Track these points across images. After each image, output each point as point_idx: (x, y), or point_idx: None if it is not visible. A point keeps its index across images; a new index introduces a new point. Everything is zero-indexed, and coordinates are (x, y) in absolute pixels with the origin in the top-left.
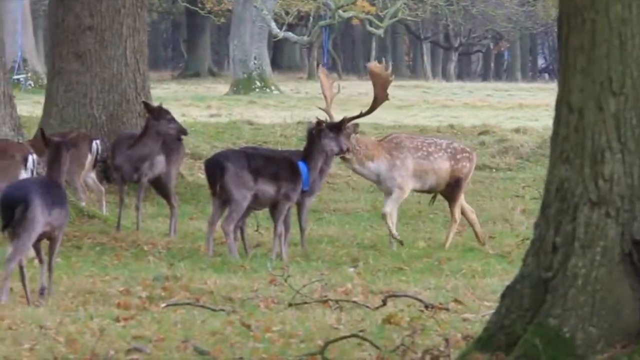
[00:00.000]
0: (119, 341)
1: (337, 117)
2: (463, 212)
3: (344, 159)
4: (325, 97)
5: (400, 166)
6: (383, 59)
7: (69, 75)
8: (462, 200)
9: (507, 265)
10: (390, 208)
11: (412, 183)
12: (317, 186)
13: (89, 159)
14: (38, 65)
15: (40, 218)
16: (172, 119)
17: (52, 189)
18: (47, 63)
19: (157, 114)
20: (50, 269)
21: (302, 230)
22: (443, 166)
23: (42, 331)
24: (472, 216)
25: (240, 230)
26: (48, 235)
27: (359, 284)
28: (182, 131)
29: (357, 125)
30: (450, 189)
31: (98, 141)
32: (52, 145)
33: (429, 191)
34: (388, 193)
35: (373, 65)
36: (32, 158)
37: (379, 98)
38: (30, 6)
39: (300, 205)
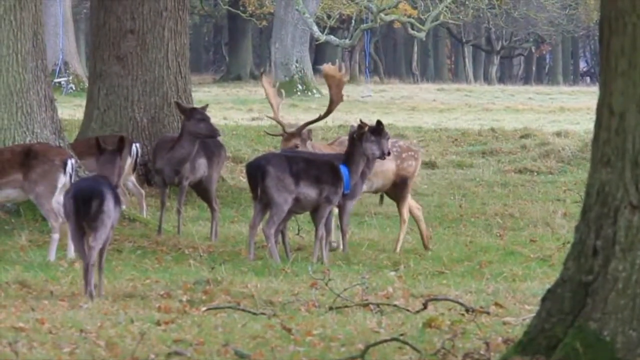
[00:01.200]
0: (160, 345)
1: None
2: (410, 209)
3: None
4: (271, 105)
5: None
6: (337, 60)
7: (110, 78)
8: (409, 198)
9: (548, 269)
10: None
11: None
12: (358, 190)
13: (129, 162)
14: (79, 68)
15: (112, 212)
16: (202, 119)
17: (113, 188)
18: (88, 66)
19: (188, 114)
20: (100, 269)
21: (343, 233)
22: (389, 167)
23: (83, 335)
24: (418, 213)
25: (282, 233)
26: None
27: (399, 287)
28: (213, 131)
29: (310, 131)
30: (397, 189)
31: (138, 144)
32: (107, 149)
33: (375, 192)
34: None
35: (327, 67)
36: (71, 162)
37: (335, 100)
38: (71, 9)
39: (341, 208)
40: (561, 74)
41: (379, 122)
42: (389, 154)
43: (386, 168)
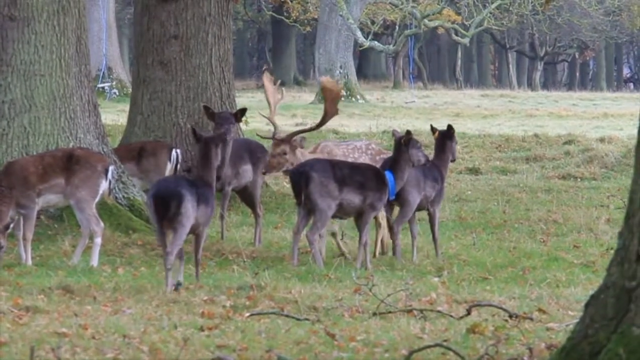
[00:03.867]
0: (203, 350)
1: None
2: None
3: (286, 172)
4: (268, 103)
5: None
6: (334, 75)
7: (154, 84)
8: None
9: (591, 275)
10: (338, 226)
11: None
12: (442, 195)
13: (169, 167)
14: (123, 73)
15: (191, 213)
16: (222, 123)
17: (200, 186)
18: (132, 71)
19: (213, 118)
20: (197, 264)
21: (435, 240)
22: None
23: (126, 340)
24: (382, 221)
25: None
26: (193, 231)
27: (443, 293)
28: (220, 136)
29: (304, 138)
30: None
31: (178, 150)
32: (202, 143)
33: None
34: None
35: (325, 80)
36: (112, 169)
37: (329, 112)
38: (115, 14)
39: (431, 215)
40: (604, 80)
41: (449, 127)
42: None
43: None
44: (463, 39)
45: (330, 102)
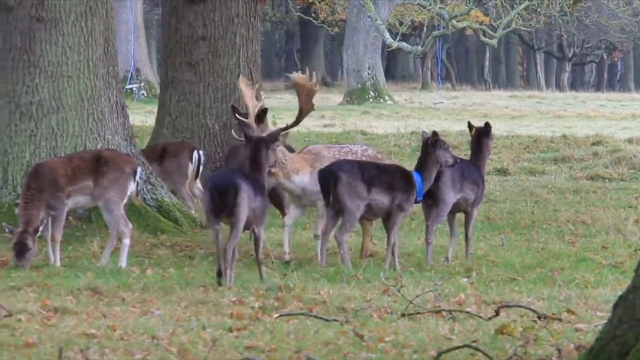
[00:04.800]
0: (232, 351)
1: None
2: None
3: (270, 173)
4: (247, 107)
5: None
6: (307, 69)
7: (182, 85)
8: None
9: (620, 276)
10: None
11: None
12: (482, 196)
13: (191, 168)
14: (151, 75)
15: (247, 204)
16: (244, 123)
17: (255, 180)
18: (160, 73)
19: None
20: (259, 264)
21: (467, 240)
22: None
23: (155, 342)
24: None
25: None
26: (249, 226)
27: (472, 294)
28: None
29: (287, 135)
30: None
31: (201, 152)
32: (252, 145)
33: None
34: (306, 207)
35: (297, 75)
36: (140, 170)
37: (305, 109)
38: (143, 16)
39: (468, 216)
40: (633, 80)
41: (487, 124)
42: (450, 164)
43: None
44: (491, 40)
45: (304, 98)
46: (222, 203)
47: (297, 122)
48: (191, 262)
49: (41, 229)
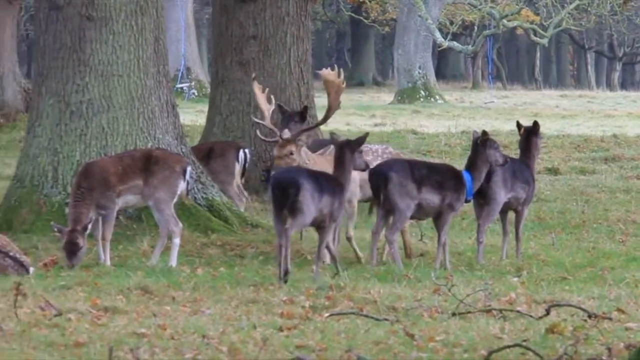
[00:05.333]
0: (282, 351)
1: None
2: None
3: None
4: (261, 111)
5: None
6: (335, 66)
7: (232, 84)
8: None
9: None
10: (352, 229)
11: (358, 194)
12: (532, 195)
13: (237, 168)
14: (201, 74)
15: (310, 203)
16: (287, 122)
17: (323, 180)
18: (210, 72)
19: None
20: (317, 259)
21: (517, 239)
22: None
23: (205, 341)
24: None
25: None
26: (318, 223)
27: (522, 293)
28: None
29: (309, 137)
30: None
31: (247, 150)
32: (338, 148)
33: (367, 200)
34: None
35: (326, 72)
36: (189, 169)
37: (333, 106)
38: (193, 15)
39: (519, 214)
40: None
41: (535, 123)
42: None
43: None
44: (542, 39)
45: (333, 95)
46: (283, 200)
47: (324, 120)
48: (241, 261)
49: (89, 227)
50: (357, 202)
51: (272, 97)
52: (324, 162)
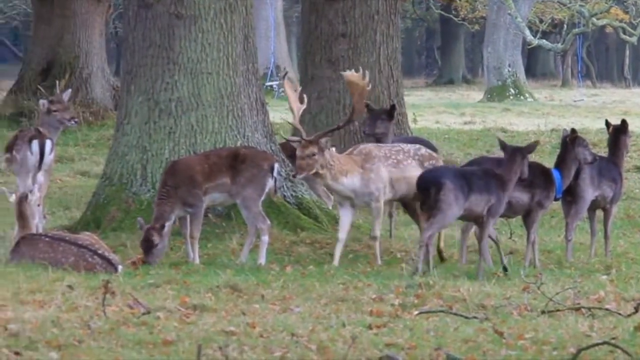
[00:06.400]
0: (371, 349)
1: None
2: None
3: (316, 174)
4: (291, 109)
5: (375, 178)
6: (360, 68)
7: (322, 82)
8: None
9: None
10: (379, 229)
11: (388, 193)
12: (620, 193)
13: None
14: (291, 72)
15: (454, 202)
16: (373, 120)
17: (476, 178)
18: (299, 70)
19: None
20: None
21: (606, 237)
22: (415, 173)
23: (294, 339)
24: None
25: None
26: (475, 219)
27: (611, 291)
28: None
29: (328, 141)
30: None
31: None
32: (508, 153)
33: (399, 199)
34: (361, 207)
35: (349, 74)
36: (277, 166)
37: (357, 108)
38: (282, 13)
39: (607, 213)
40: None
41: (624, 121)
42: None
43: (410, 174)
44: (631, 37)
45: (357, 97)
46: (425, 198)
47: (348, 122)
48: (331, 259)
49: (166, 225)
50: (383, 201)
51: (304, 96)
52: (349, 162)
